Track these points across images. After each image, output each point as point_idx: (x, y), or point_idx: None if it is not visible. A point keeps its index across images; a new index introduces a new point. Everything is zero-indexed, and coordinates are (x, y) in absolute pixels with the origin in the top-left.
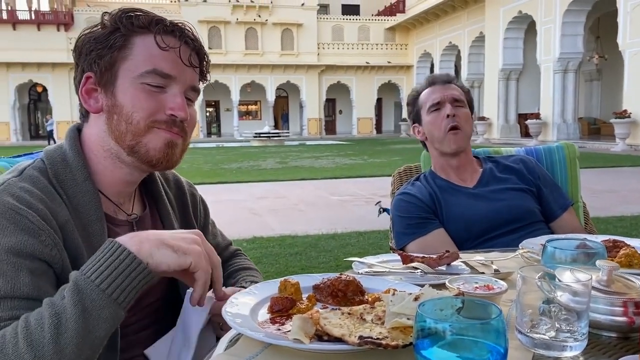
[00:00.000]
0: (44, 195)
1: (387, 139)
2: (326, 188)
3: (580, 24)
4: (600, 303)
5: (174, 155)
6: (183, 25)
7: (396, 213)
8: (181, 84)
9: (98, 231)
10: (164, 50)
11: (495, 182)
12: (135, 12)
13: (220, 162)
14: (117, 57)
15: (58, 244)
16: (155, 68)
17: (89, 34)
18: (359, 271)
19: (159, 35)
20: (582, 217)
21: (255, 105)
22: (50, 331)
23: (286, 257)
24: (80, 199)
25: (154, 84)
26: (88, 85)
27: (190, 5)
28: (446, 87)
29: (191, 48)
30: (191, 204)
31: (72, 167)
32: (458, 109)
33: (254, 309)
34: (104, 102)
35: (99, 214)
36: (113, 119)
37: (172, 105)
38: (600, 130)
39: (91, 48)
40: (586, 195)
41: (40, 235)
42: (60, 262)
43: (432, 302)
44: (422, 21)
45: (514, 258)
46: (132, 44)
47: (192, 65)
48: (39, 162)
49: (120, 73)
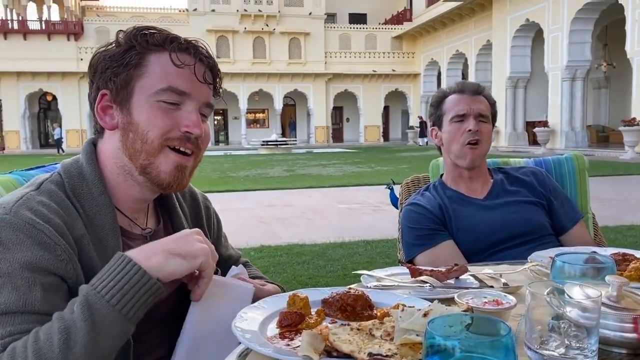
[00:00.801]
0: (61, 209)
1: (394, 147)
2: (334, 196)
3: (588, 31)
4: (610, 319)
5: (183, 178)
6: (197, 43)
7: (405, 224)
8: (196, 100)
9: (113, 245)
10: (179, 68)
11: (506, 195)
12: (150, 30)
13: (228, 170)
14: (132, 75)
15: (73, 259)
16: (171, 85)
17: (104, 52)
18: (368, 285)
19: (174, 52)
20: (592, 229)
21: (263, 113)
22: (59, 346)
23: (294, 266)
24: (96, 212)
25: (169, 101)
26: (104, 102)
27: (199, 15)
28: (474, 99)
29: (205, 65)
30: (205, 217)
31: (89, 181)
32: (481, 124)
33: (263, 324)
34: (119, 119)
35: (114, 228)
36: (128, 136)
37: (187, 122)
38: (609, 138)
39: (106, 66)
40: (595, 204)
41: (55, 250)
42: (75, 277)
43: (441, 319)
44: (429, 29)
45: (523, 271)
46: (147, 61)
47: (207, 82)
48: (56, 176)
49: (136, 90)
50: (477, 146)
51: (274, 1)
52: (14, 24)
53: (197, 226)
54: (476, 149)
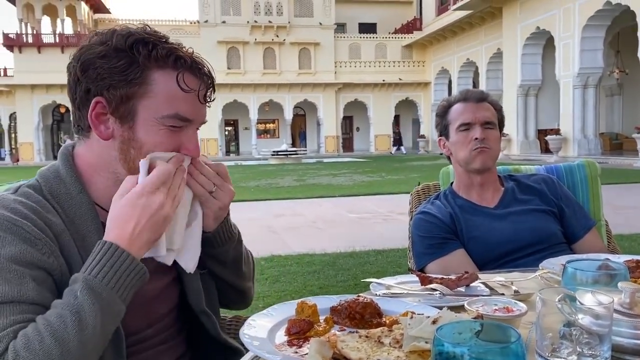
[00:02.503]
0: (38, 207)
1: (404, 156)
2: (344, 206)
3: (600, 38)
4: (623, 326)
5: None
6: (201, 61)
7: (416, 232)
8: (196, 123)
9: (96, 240)
10: (185, 92)
11: (517, 203)
12: (151, 41)
13: (239, 180)
14: (135, 92)
15: (55, 252)
16: (178, 113)
17: (101, 57)
18: (377, 293)
19: (181, 75)
20: (605, 237)
21: (273, 123)
22: (73, 327)
23: (304, 275)
24: (76, 211)
25: (175, 125)
26: (98, 109)
27: (210, 27)
28: (479, 106)
29: (206, 85)
30: None
31: (66, 182)
32: (488, 131)
33: (272, 331)
34: (117, 132)
35: (96, 225)
36: (129, 152)
37: (189, 147)
38: (623, 146)
39: (104, 75)
40: (609, 212)
41: (37, 244)
42: (59, 270)
43: (451, 326)
44: (439, 38)
45: (534, 279)
46: (152, 80)
47: (207, 102)
48: (33, 181)
49: (140, 110)
50: (486, 150)
51: (284, 12)
52: (29, 38)
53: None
54: (483, 152)
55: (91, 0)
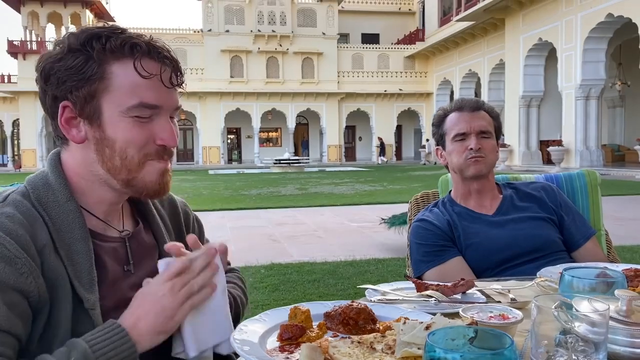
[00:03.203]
0: (26, 219)
1: (406, 166)
2: (345, 214)
3: (602, 50)
4: (619, 334)
5: (167, 182)
6: (157, 43)
7: (414, 240)
8: (166, 110)
9: (83, 249)
10: (146, 79)
11: (515, 211)
12: (104, 33)
13: (241, 189)
14: (97, 89)
15: (34, 272)
16: (142, 101)
17: (58, 62)
18: (372, 299)
19: (139, 61)
20: (605, 246)
21: (276, 132)
22: None
23: (304, 284)
24: (64, 219)
25: (142, 115)
26: (67, 114)
27: (213, 36)
28: (474, 115)
29: (170, 67)
30: (184, 223)
31: (54, 189)
32: (484, 140)
33: (263, 336)
34: (89, 133)
35: (82, 233)
36: (104, 152)
37: (163, 136)
38: (625, 158)
39: (64, 78)
40: (611, 224)
41: (16, 263)
42: (37, 290)
43: (443, 331)
44: (442, 49)
45: (532, 287)
46: (110, 73)
47: (174, 85)
48: (22, 188)
49: (105, 106)
50: (480, 159)
51: (287, 22)
52: (33, 45)
53: (176, 231)
54: (478, 161)
55: (95, 8)
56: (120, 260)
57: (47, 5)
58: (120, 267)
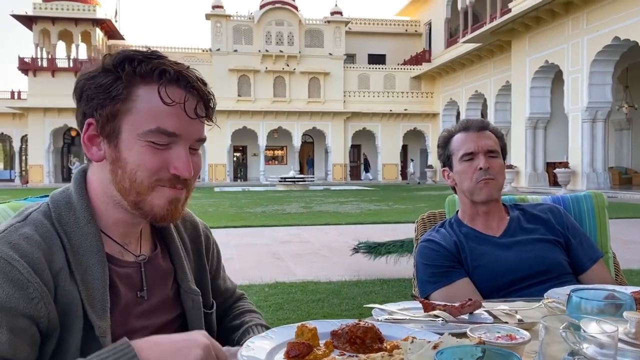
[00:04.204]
0: (43, 241)
1: (412, 186)
2: (350, 233)
3: (609, 73)
4: (628, 356)
5: (177, 210)
6: (188, 72)
7: (420, 260)
8: (186, 140)
9: (98, 275)
10: (168, 106)
11: (523, 233)
12: (138, 57)
13: (246, 206)
14: (119, 109)
15: (45, 297)
16: (159, 127)
17: (91, 78)
18: (379, 318)
19: (163, 88)
20: (612, 269)
21: (282, 150)
22: None
23: (308, 303)
24: (82, 242)
25: (158, 142)
26: (90, 131)
27: (221, 55)
28: (480, 135)
29: (197, 98)
30: (205, 247)
31: (76, 210)
32: (492, 159)
33: (270, 353)
34: (107, 153)
35: (100, 257)
36: (117, 173)
37: (177, 164)
38: (632, 180)
39: (92, 95)
40: (618, 247)
41: (28, 287)
42: (47, 316)
43: (451, 350)
44: (448, 70)
45: (539, 308)
46: (135, 96)
47: (198, 116)
48: (44, 206)
49: (124, 127)
50: (490, 181)
51: (295, 42)
52: (44, 62)
53: (197, 256)
54: (489, 183)
55: (106, 27)
56: (134, 286)
57: (58, 23)
58: (134, 293)
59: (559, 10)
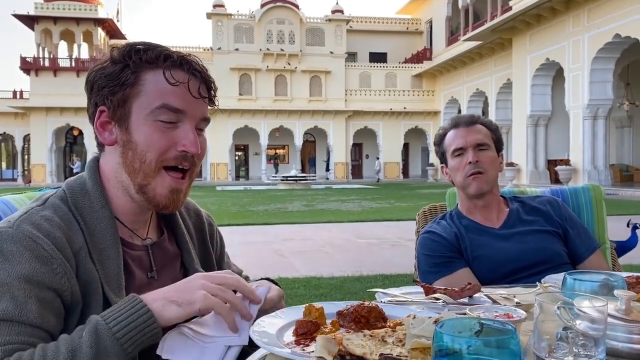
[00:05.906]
0: (63, 223)
1: (413, 184)
2: (352, 231)
3: (610, 70)
4: (618, 331)
5: (178, 200)
6: (190, 58)
7: (421, 251)
8: (192, 118)
9: (113, 255)
10: (173, 86)
11: (522, 224)
12: (143, 47)
13: (248, 205)
14: (129, 94)
15: (68, 273)
16: (165, 103)
17: (100, 70)
18: (382, 300)
19: (168, 70)
20: (610, 259)
21: (283, 149)
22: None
23: (311, 298)
24: (97, 225)
25: (166, 120)
26: (102, 118)
27: (223, 54)
28: (470, 129)
29: (199, 79)
30: (209, 234)
31: (91, 195)
32: (482, 153)
33: (280, 330)
34: (118, 136)
35: (114, 239)
36: (128, 154)
37: (185, 141)
38: (633, 177)
39: (103, 84)
40: None
41: (52, 263)
42: (70, 290)
43: (451, 323)
44: (449, 68)
45: (536, 293)
46: (143, 80)
47: (202, 96)
48: (60, 192)
49: (134, 109)
50: (479, 175)
51: (296, 40)
52: (45, 62)
53: (201, 242)
54: (478, 178)
55: (107, 26)
56: (144, 267)
57: (60, 23)
58: (145, 274)
59: (559, 8)
